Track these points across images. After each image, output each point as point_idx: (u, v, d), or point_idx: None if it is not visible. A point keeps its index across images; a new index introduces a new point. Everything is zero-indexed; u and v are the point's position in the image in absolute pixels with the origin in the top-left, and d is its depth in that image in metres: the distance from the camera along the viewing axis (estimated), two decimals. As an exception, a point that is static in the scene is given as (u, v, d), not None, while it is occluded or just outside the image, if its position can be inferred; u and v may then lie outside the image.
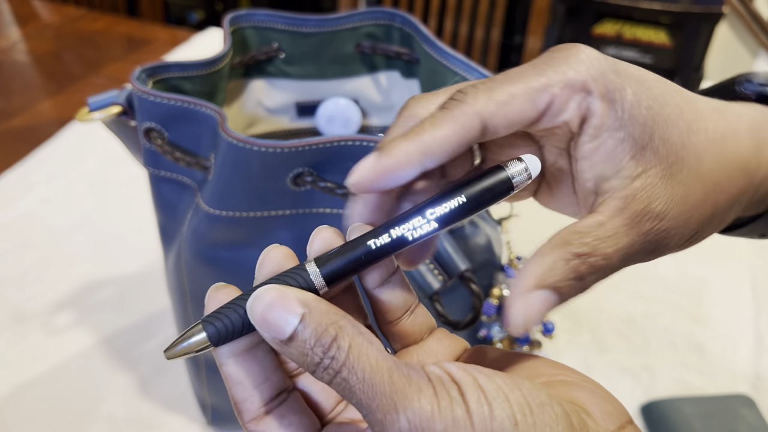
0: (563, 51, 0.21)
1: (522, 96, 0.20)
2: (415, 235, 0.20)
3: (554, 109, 0.20)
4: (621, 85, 0.20)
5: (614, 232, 0.20)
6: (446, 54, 0.37)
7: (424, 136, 0.20)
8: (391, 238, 0.20)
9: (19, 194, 0.64)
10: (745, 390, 0.48)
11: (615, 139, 0.20)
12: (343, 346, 0.18)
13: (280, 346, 0.18)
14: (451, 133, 0.20)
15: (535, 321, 0.20)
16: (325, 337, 0.18)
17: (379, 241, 0.20)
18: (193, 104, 0.31)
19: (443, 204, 0.20)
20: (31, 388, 0.46)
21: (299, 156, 0.29)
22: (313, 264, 0.20)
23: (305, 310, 0.18)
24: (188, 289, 0.36)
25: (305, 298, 0.19)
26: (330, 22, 0.41)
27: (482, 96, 0.20)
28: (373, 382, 0.17)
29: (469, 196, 0.20)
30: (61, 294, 0.54)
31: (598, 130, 0.20)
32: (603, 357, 0.51)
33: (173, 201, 0.35)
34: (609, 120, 0.20)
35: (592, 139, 0.20)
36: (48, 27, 1.00)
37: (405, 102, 0.23)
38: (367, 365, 0.18)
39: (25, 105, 0.80)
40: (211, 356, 0.40)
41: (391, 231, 0.20)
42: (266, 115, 0.44)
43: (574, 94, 0.20)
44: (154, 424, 0.44)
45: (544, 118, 0.20)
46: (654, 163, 0.20)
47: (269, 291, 0.19)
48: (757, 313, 0.55)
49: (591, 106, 0.20)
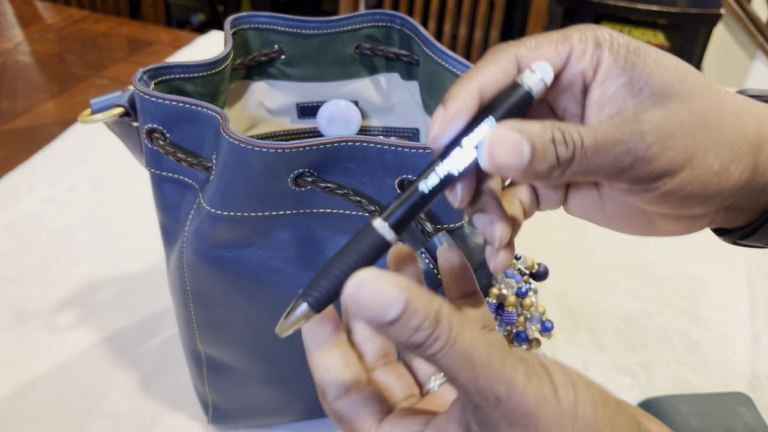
0: (590, 25, 0.25)
1: (547, 44, 0.24)
2: (459, 168, 0.22)
3: (574, 57, 0.24)
4: (625, 41, 0.24)
5: (596, 127, 0.22)
6: (445, 56, 0.38)
7: (475, 77, 0.23)
8: (440, 177, 0.22)
9: (23, 194, 0.65)
10: (742, 388, 0.49)
11: (617, 84, 0.23)
12: (444, 327, 0.19)
13: (379, 327, 0.20)
14: (495, 70, 0.23)
15: (503, 156, 0.21)
16: (427, 319, 0.19)
17: (429, 182, 0.22)
18: (195, 105, 0.32)
19: (476, 131, 0.22)
20: (33, 386, 0.47)
21: (300, 157, 0.30)
22: (380, 220, 0.22)
23: (406, 295, 0.19)
24: (190, 288, 0.37)
25: (402, 283, 0.19)
26: (330, 24, 0.41)
27: (515, 44, 0.24)
28: (472, 358, 0.19)
29: (497, 117, 0.23)
30: (63, 293, 0.54)
31: (605, 76, 0.23)
32: (601, 355, 0.51)
33: (175, 201, 0.35)
34: (614, 68, 0.23)
35: (600, 85, 0.24)
36: (51, 29, 1.00)
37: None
38: (467, 343, 0.19)
39: (28, 106, 0.81)
40: (211, 356, 0.40)
41: (437, 169, 0.22)
42: (267, 116, 0.44)
43: (588, 46, 0.24)
44: (156, 422, 0.45)
45: (567, 67, 0.24)
46: (649, 97, 0.23)
47: (369, 277, 0.19)
48: (753, 311, 0.56)
49: (601, 56, 0.24)
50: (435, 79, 0.39)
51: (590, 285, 0.57)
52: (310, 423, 0.46)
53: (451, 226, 0.32)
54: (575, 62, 0.24)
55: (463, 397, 0.20)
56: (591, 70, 0.24)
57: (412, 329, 0.19)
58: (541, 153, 0.21)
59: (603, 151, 0.22)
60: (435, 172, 0.22)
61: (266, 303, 0.35)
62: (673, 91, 0.23)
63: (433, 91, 0.40)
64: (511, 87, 0.23)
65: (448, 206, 0.31)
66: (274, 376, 0.40)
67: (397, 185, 0.31)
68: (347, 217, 0.33)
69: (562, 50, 0.24)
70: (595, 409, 0.19)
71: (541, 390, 0.19)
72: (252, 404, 0.43)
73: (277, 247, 0.34)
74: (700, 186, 0.23)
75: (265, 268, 0.34)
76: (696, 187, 0.23)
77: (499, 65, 0.24)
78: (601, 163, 0.22)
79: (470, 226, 0.34)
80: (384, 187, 0.31)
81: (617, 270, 0.59)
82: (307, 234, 0.33)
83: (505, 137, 0.21)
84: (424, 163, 0.29)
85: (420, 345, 0.19)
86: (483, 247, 0.38)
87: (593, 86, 0.24)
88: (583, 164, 0.22)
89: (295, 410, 0.44)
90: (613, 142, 0.22)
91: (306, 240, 0.34)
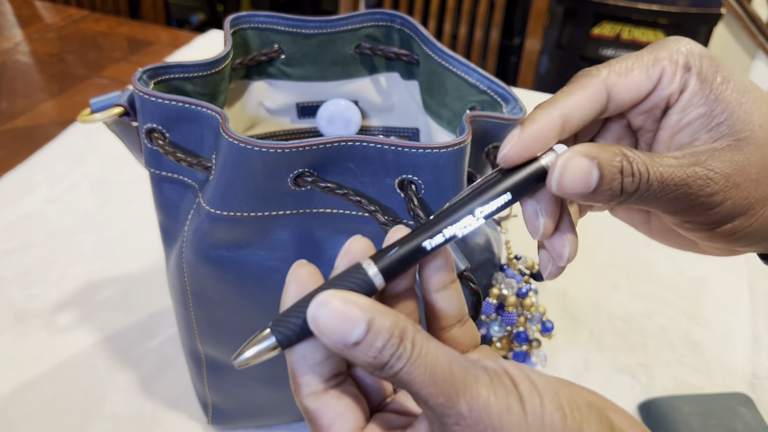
0: (669, 39, 0.24)
1: (638, 69, 0.23)
2: (464, 232, 0.22)
3: (665, 81, 0.23)
4: (714, 69, 0.23)
5: (664, 161, 0.22)
6: (445, 55, 0.38)
7: (561, 102, 0.22)
8: (445, 238, 0.22)
9: (22, 194, 0.65)
10: (743, 388, 0.49)
11: (697, 113, 0.23)
12: (407, 345, 0.19)
13: (343, 350, 0.19)
14: (583, 98, 0.23)
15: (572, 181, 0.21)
16: (392, 339, 0.19)
17: (434, 241, 0.22)
18: (194, 105, 0.32)
19: (491, 203, 0.22)
20: (33, 387, 0.47)
21: (300, 156, 0.29)
22: (370, 262, 0.21)
23: (369, 315, 0.19)
24: (189, 288, 0.36)
25: (366, 303, 0.19)
26: (330, 23, 0.41)
27: (604, 69, 0.23)
28: (434, 373, 0.19)
29: (513, 191, 0.22)
30: (63, 293, 0.54)
31: (687, 103, 0.23)
32: (601, 356, 0.51)
33: (175, 201, 0.35)
34: (697, 96, 0.23)
35: (680, 111, 0.23)
36: (50, 28, 1.00)
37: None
38: (430, 359, 0.19)
39: (27, 106, 0.81)
40: (211, 356, 0.40)
41: (445, 231, 0.22)
42: (267, 116, 0.44)
43: (678, 69, 0.23)
44: (156, 422, 0.45)
45: (655, 91, 0.23)
46: (726, 135, 0.22)
47: (330, 298, 0.19)
48: (754, 312, 0.55)
49: (688, 81, 0.23)
50: (435, 79, 0.39)
51: (591, 285, 0.57)
52: (310, 423, 0.46)
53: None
54: (664, 87, 0.23)
55: (428, 413, 0.19)
56: (676, 94, 0.23)
57: (377, 350, 0.19)
58: (608, 182, 0.21)
59: (666, 189, 0.21)
60: (442, 234, 0.22)
61: (266, 303, 0.35)
62: (749, 135, 0.22)
63: (433, 90, 0.40)
64: (529, 162, 0.22)
65: (448, 206, 0.31)
66: (274, 377, 0.40)
67: (397, 185, 0.30)
68: (347, 217, 0.32)
69: (653, 74, 0.23)
70: (563, 418, 0.18)
71: (506, 401, 0.18)
72: (252, 404, 0.43)
73: (276, 247, 0.33)
74: (751, 231, 0.23)
75: (264, 268, 0.34)
76: (748, 232, 0.23)
77: (587, 93, 0.23)
78: (661, 199, 0.22)
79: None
80: (384, 187, 0.31)
81: (618, 270, 0.59)
82: (306, 234, 0.33)
83: (578, 164, 0.21)
84: (424, 163, 0.29)
85: (384, 365, 0.19)
86: (483, 247, 0.38)
87: (673, 111, 0.23)
88: (643, 197, 0.22)
89: (295, 410, 0.44)
90: (678, 183, 0.21)
91: (306, 240, 0.34)
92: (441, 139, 0.41)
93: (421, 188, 0.30)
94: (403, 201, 0.31)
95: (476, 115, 0.31)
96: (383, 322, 0.19)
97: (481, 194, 0.22)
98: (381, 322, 0.19)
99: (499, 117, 0.32)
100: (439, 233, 0.22)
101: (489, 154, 0.34)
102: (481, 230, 0.37)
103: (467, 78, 0.37)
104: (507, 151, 0.22)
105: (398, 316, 0.20)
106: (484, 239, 0.37)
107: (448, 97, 0.39)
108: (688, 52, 0.23)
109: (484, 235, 0.37)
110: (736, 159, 0.22)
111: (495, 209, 0.22)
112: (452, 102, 0.38)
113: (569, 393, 0.19)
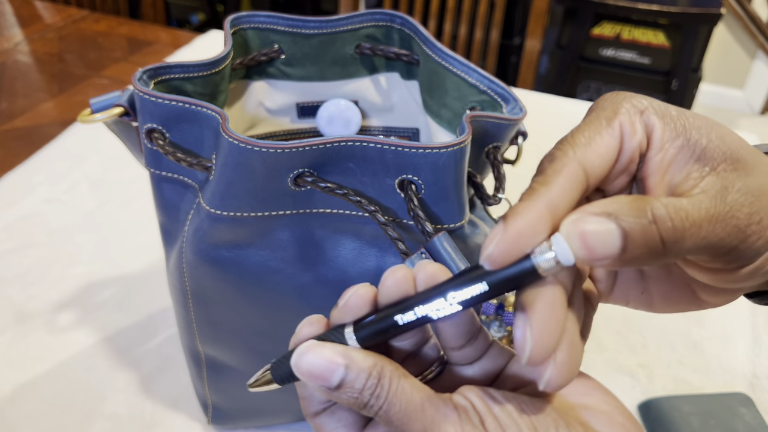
0: (603, 99, 0.23)
1: (597, 132, 0.22)
2: (439, 315, 0.22)
3: (626, 132, 0.22)
4: (664, 106, 0.22)
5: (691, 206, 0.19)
6: (446, 55, 0.38)
7: (542, 191, 0.20)
8: (416, 317, 0.22)
9: (22, 194, 0.65)
10: (743, 388, 0.49)
11: (676, 146, 0.22)
12: (384, 385, 0.21)
13: (328, 393, 0.21)
14: (564, 181, 0.20)
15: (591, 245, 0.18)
16: (370, 379, 0.21)
17: (405, 317, 0.22)
18: (194, 105, 0.32)
19: (465, 289, 0.21)
20: (33, 387, 0.47)
21: (300, 156, 0.29)
22: (351, 329, 0.23)
23: (347, 360, 0.21)
24: (189, 288, 0.36)
25: (343, 350, 0.21)
26: (330, 23, 0.41)
27: (568, 148, 0.21)
28: (408, 412, 0.20)
29: (491, 284, 0.20)
30: (63, 294, 0.54)
31: (661, 140, 0.22)
32: (601, 356, 0.51)
33: (175, 201, 0.35)
34: (668, 130, 0.22)
35: (658, 151, 0.22)
36: (50, 28, 1.00)
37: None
38: (404, 399, 0.21)
39: (27, 106, 0.81)
40: (211, 356, 0.40)
41: (416, 309, 0.22)
42: (267, 116, 0.44)
43: (636, 116, 0.22)
44: (156, 422, 0.45)
45: (624, 146, 0.22)
46: (720, 160, 0.21)
47: (311, 347, 0.21)
48: (754, 311, 0.55)
49: (651, 122, 0.22)
50: (435, 79, 0.39)
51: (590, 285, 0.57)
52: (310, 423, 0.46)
53: (451, 226, 0.32)
54: (629, 137, 0.22)
55: None
56: (645, 139, 0.22)
57: (357, 390, 0.21)
58: (639, 236, 0.18)
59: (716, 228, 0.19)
60: (413, 311, 0.22)
61: (266, 303, 0.35)
62: (739, 156, 0.21)
63: (433, 90, 0.40)
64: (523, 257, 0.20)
65: (448, 206, 0.31)
66: (273, 377, 0.40)
67: (397, 185, 0.30)
68: (347, 217, 0.32)
69: (614, 130, 0.22)
70: None
71: None
72: (252, 404, 0.43)
73: (276, 247, 0.33)
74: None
75: (264, 268, 0.34)
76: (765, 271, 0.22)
77: (565, 175, 0.20)
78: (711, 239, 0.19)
79: (470, 226, 0.34)
80: (384, 187, 0.31)
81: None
82: (306, 234, 0.33)
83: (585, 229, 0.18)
84: (424, 163, 0.29)
85: (365, 405, 0.21)
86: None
87: (650, 154, 0.22)
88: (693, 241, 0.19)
89: (295, 410, 0.44)
90: (724, 216, 0.19)
91: (306, 240, 0.34)
92: (441, 139, 0.41)
93: (421, 188, 0.30)
94: (403, 201, 0.31)
95: (476, 115, 0.31)
96: (362, 364, 0.21)
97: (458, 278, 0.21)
98: (360, 364, 0.21)
99: (499, 117, 0.32)
100: (411, 310, 0.22)
101: (489, 154, 0.34)
102: (481, 231, 0.37)
103: (467, 78, 0.37)
104: (491, 251, 0.19)
105: (377, 358, 0.21)
106: (484, 240, 0.37)
107: (448, 97, 0.39)
108: (633, 100, 0.22)
109: (485, 236, 0.37)
110: (752, 182, 0.20)
111: (469, 297, 0.20)
112: (452, 102, 0.38)
113: (529, 420, 0.20)
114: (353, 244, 0.33)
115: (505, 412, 0.21)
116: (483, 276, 0.20)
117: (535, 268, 0.19)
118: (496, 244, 0.19)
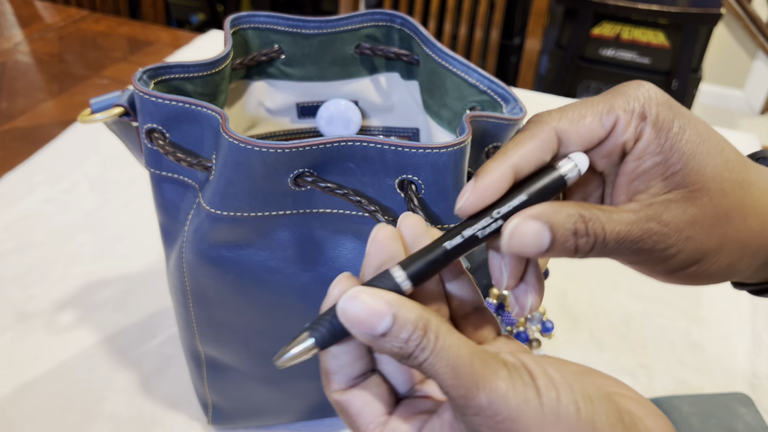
0: (629, 85, 0.24)
1: (591, 116, 0.24)
2: (484, 233, 0.23)
3: (619, 129, 0.23)
4: (671, 118, 0.23)
5: (621, 218, 0.23)
6: (446, 55, 0.38)
7: (511, 155, 0.23)
8: (463, 239, 0.23)
9: (22, 194, 0.65)
10: (743, 388, 0.49)
11: (652, 162, 0.23)
12: (431, 338, 0.20)
13: (371, 340, 0.21)
14: (533, 146, 0.23)
15: (521, 244, 0.22)
16: (416, 331, 0.20)
17: (453, 242, 0.23)
18: (194, 105, 0.32)
19: (507, 203, 0.23)
20: (33, 387, 0.47)
21: (300, 156, 0.29)
22: (398, 268, 0.23)
23: (395, 309, 0.21)
24: (190, 288, 0.36)
25: (392, 298, 0.21)
26: (330, 23, 0.41)
27: (556, 115, 0.24)
28: (456, 365, 0.20)
29: (529, 195, 0.23)
30: (63, 293, 0.54)
31: (642, 152, 0.23)
32: (601, 356, 0.51)
33: (175, 201, 0.35)
34: (653, 145, 0.23)
35: (636, 159, 0.24)
36: (50, 28, 1.00)
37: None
38: (453, 351, 0.20)
39: (27, 106, 0.81)
40: (211, 356, 0.40)
41: (463, 232, 0.23)
42: (267, 116, 0.44)
43: (633, 119, 0.23)
44: (156, 422, 0.45)
45: (609, 138, 0.24)
46: (680, 186, 0.23)
47: (359, 293, 0.21)
48: (754, 311, 0.56)
49: (643, 131, 0.23)
50: (435, 79, 0.39)
51: (591, 285, 0.57)
52: (309, 423, 0.46)
53: (452, 226, 0.32)
54: (618, 135, 0.24)
55: (451, 402, 0.21)
56: (631, 142, 0.24)
57: (402, 341, 0.20)
58: (561, 243, 0.22)
59: (623, 246, 0.23)
60: (461, 235, 0.23)
61: (266, 303, 0.35)
62: (702, 187, 0.23)
63: (433, 90, 0.40)
64: (547, 169, 0.24)
65: (447, 206, 0.31)
66: (274, 377, 0.40)
67: (397, 185, 0.31)
68: (347, 217, 0.32)
69: (606, 122, 0.24)
70: (578, 410, 0.20)
71: (524, 394, 0.20)
72: (252, 404, 0.43)
73: (277, 247, 0.33)
74: (709, 275, 0.24)
75: (264, 268, 0.34)
76: (706, 276, 0.24)
77: (537, 142, 0.23)
78: (618, 253, 0.23)
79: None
80: (384, 187, 0.31)
81: (617, 270, 0.59)
82: (307, 234, 0.33)
83: (528, 228, 0.22)
84: (424, 163, 0.29)
85: (409, 355, 0.20)
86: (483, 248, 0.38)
87: (629, 158, 0.24)
88: (601, 253, 0.23)
89: (295, 411, 0.44)
90: (634, 240, 0.23)
91: (306, 240, 0.34)
92: (441, 139, 0.41)
93: (421, 188, 0.30)
94: (403, 201, 0.31)
95: (476, 115, 0.31)
96: (408, 315, 0.21)
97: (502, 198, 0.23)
98: (406, 315, 0.20)
99: (499, 117, 0.32)
100: (458, 235, 0.23)
101: (489, 154, 0.34)
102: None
103: (467, 78, 0.37)
104: (462, 204, 0.23)
105: (423, 309, 0.21)
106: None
107: (448, 97, 0.39)
108: (645, 100, 0.23)
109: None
110: (690, 211, 0.23)
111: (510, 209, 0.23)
112: (452, 102, 0.38)
113: (583, 386, 0.20)
114: (353, 244, 0.34)
115: (559, 373, 0.20)
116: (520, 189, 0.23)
117: (563, 176, 0.23)
118: (466, 198, 0.23)
